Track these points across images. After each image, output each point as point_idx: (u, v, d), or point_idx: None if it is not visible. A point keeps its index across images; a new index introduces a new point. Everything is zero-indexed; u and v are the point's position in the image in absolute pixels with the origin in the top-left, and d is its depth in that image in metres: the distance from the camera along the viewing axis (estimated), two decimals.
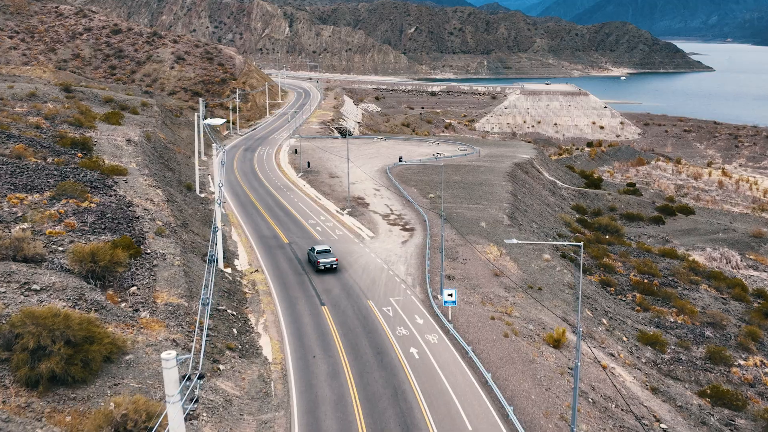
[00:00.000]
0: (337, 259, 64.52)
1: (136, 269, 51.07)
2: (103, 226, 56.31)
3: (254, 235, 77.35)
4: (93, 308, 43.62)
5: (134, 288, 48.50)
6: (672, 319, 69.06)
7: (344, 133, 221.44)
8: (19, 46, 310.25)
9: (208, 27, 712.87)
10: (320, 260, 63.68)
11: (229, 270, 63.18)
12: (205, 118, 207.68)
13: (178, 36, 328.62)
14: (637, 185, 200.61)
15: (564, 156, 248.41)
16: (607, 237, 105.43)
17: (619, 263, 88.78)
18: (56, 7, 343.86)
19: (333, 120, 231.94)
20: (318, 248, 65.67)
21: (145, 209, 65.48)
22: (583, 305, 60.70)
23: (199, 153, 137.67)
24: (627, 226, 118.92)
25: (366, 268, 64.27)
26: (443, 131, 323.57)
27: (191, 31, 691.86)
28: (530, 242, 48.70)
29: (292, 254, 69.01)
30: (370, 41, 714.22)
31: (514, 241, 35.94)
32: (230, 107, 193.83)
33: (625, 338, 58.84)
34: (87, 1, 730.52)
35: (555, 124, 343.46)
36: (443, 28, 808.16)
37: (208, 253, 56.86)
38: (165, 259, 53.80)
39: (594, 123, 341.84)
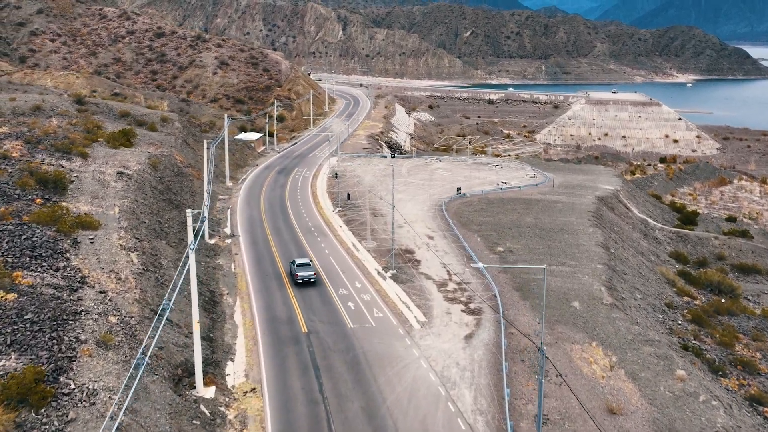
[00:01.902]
0: (315, 273, 65.57)
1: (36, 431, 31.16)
2: (11, 340, 36.67)
3: (264, 315, 57.03)
4: None
5: None
6: None
7: (394, 150, 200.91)
8: (60, 50, 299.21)
9: (261, 30, 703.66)
10: (298, 273, 64.84)
11: (210, 392, 42.82)
12: (244, 130, 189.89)
13: (223, 39, 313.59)
14: (730, 213, 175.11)
15: (638, 176, 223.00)
16: (723, 301, 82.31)
17: (758, 353, 65.77)
18: (100, 9, 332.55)
19: (383, 132, 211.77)
20: (298, 261, 67.13)
21: (100, 292, 45.80)
22: None
23: (222, 179, 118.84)
24: (741, 280, 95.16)
25: (413, 393, 43.14)
26: (501, 143, 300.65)
27: (245, 34, 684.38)
28: None
29: (309, 358, 48.33)
30: (425, 45, 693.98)
31: None
32: (267, 119, 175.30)
33: None
34: (143, 5, 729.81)
35: (624, 136, 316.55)
36: (500, 31, 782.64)
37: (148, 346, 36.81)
38: (93, 403, 33.74)
39: (667, 136, 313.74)
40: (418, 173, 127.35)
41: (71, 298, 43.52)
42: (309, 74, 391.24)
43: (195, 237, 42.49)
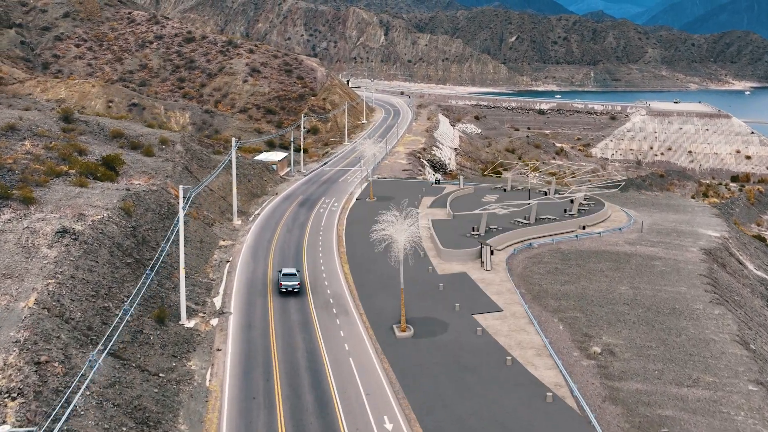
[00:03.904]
0: (299, 283, 65.45)
1: None
2: None
3: None
4: None
5: None
6: None
7: (437, 169, 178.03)
8: (85, 56, 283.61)
9: (302, 35, 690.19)
10: (282, 282, 65.12)
11: None
12: (272, 145, 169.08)
13: (255, 45, 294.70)
14: None
15: (714, 201, 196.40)
16: None
17: None
18: (129, 13, 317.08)
19: (425, 149, 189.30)
20: (285, 270, 67.53)
21: None
22: None
23: (230, 217, 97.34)
24: None
25: None
26: (554, 157, 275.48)
27: (286, 38, 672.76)
28: None
29: None
30: (468, 50, 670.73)
31: None
32: (293, 138, 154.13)
33: None
34: (185, 9, 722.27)
35: (689, 151, 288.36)
36: (546, 36, 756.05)
37: None
38: None
39: (738, 152, 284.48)
40: (467, 210, 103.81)
41: None
42: (348, 81, 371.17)
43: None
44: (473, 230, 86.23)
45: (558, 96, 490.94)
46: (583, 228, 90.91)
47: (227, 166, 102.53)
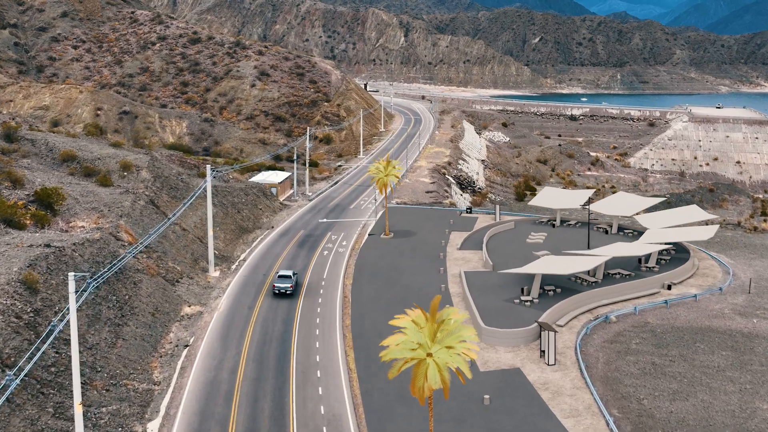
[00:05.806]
0: (292, 286, 64.42)
1: None
2: None
3: None
4: None
5: None
6: None
7: (465, 188, 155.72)
8: (83, 58, 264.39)
9: (321, 36, 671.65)
10: (275, 284, 64.51)
11: None
12: (278, 159, 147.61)
13: (265, 46, 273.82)
14: None
15: None
16: None
17: None
18: (132, 12, 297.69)
19: (450, 163, 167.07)
20: (281, 272, 67.13)
21: None
22: None
23: (204, 268, 75.41)
24: None
25: None
26: (589, 169, 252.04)
27: (304, 40, 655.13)
28: None
29: None
30: (490, 52, 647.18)
31: None
32: (296, 155, 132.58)
33: None
34: (203, 11, 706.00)
35: (738, 162, 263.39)
36: (571, 38, 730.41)
37: None
38: None
39: None
40: (508, 257, 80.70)
41: None
42: (365, 85, 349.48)
43: None
44: (522, 293, 64.03)
45: (584, 99, 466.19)
46: (669, 288, 68.20)
47: (216, 193, 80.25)
